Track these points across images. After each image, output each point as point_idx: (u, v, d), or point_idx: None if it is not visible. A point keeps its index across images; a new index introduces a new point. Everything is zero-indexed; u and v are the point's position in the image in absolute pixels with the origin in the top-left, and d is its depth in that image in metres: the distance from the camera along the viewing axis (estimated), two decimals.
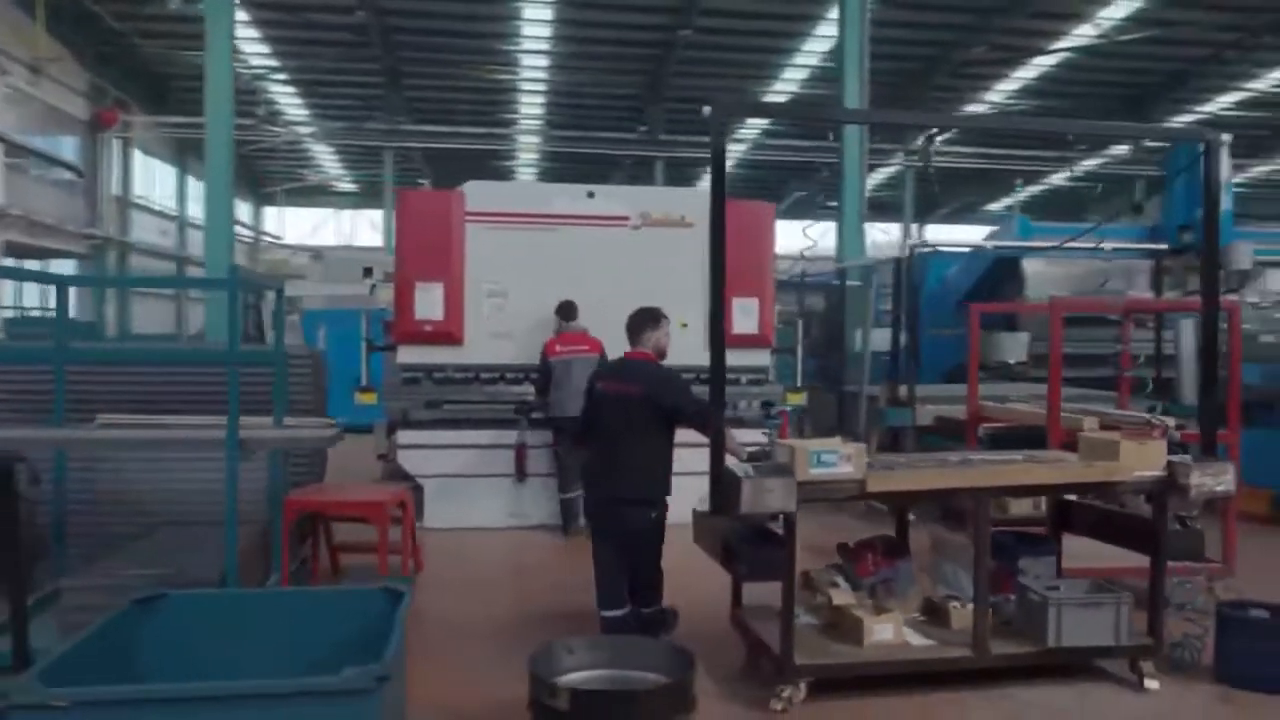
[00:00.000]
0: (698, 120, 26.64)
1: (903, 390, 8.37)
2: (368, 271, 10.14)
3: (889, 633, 4.35)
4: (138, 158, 24.66)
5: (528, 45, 22.47)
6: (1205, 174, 4.50)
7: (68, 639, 3.19)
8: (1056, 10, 19.43)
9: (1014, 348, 10.24)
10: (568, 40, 21.97)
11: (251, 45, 21.48)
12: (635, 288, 7.91)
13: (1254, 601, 4.71)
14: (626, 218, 8.03)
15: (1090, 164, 27.56)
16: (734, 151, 28.58)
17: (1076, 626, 4.31)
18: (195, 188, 27.00)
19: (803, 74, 23.51)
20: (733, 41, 21.50)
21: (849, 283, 11.32)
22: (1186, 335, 8.53)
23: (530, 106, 26.87)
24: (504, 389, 7.91)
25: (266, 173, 32.99)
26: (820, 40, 21.47)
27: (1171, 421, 5.77)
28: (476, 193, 7.88)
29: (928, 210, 30.48)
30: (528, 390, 7.85)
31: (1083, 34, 20.56)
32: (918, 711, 4.20)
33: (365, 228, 35.55)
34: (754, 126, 27.31)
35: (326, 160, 32.36)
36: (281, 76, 24.22)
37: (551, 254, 7.85)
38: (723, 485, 4.04)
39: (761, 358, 8.32)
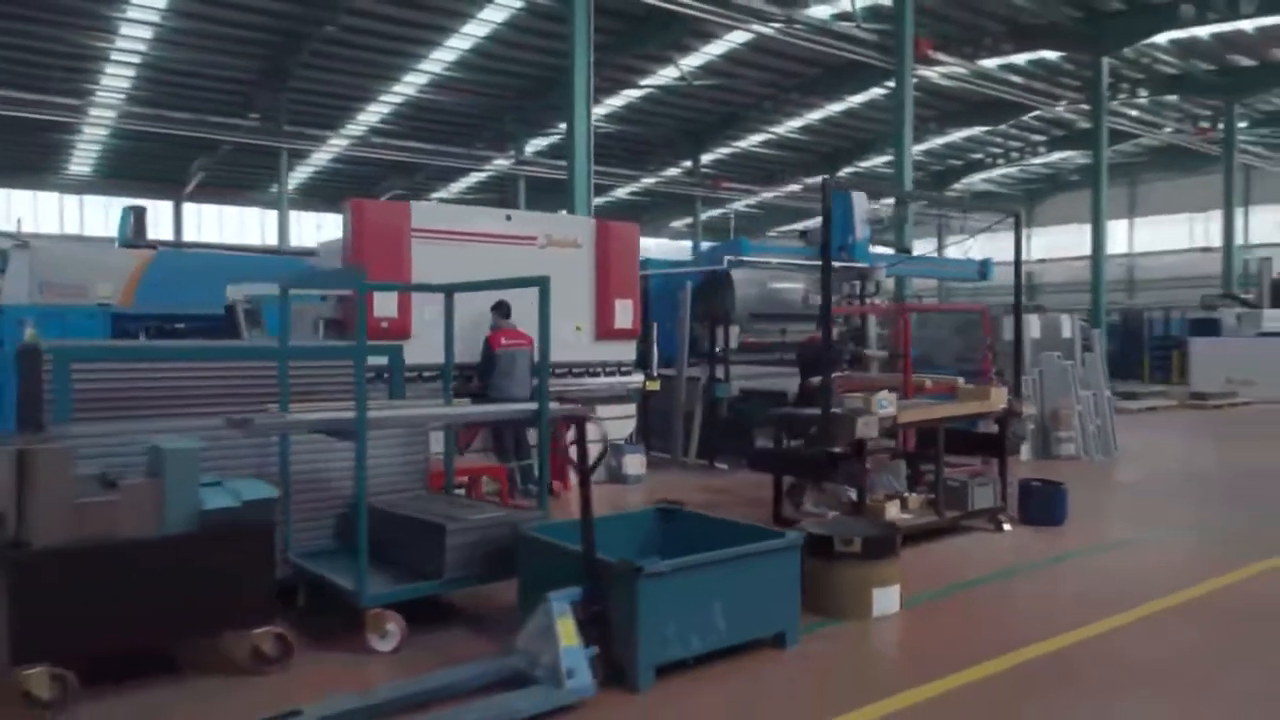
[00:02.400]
0: (319, 112, 26.43)
1: (720, 371, 11.03)
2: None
3: (895, 511, 6.95)
4: None
5: (133, 14, 20.96)
6: (1015, 238, 7.76)
7: None
8: (653, 54, 23.53)
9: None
10: (183, 15, 20.94)
11: None
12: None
13: (1029, 478, 8.14)
14: (535, 238, 9.47)
15: (648, 181, 32.79)
16: (334, 146, 28.83)
17: (980, 497, 7.33)
18: None
19: (424, 79, 25.09)
20: (370, 41, 22.31)
21: None
22: (870, 326, 12.36)
23: (115, 79, 24.50)
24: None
25: None
26: (448, 50, 23.36)
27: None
28: (417, 212, 8.77)
29: None
30: (463, 386, 8.94)
31: (666, 74, 25.05)
32: (918, 556, 6.76)
33: None
34: (363, 124, 27.90)
35: None
36: None
37: (477, 266, 8.99)
38: (834, 423, 6.30)
39: (630, 351, 10.27)
